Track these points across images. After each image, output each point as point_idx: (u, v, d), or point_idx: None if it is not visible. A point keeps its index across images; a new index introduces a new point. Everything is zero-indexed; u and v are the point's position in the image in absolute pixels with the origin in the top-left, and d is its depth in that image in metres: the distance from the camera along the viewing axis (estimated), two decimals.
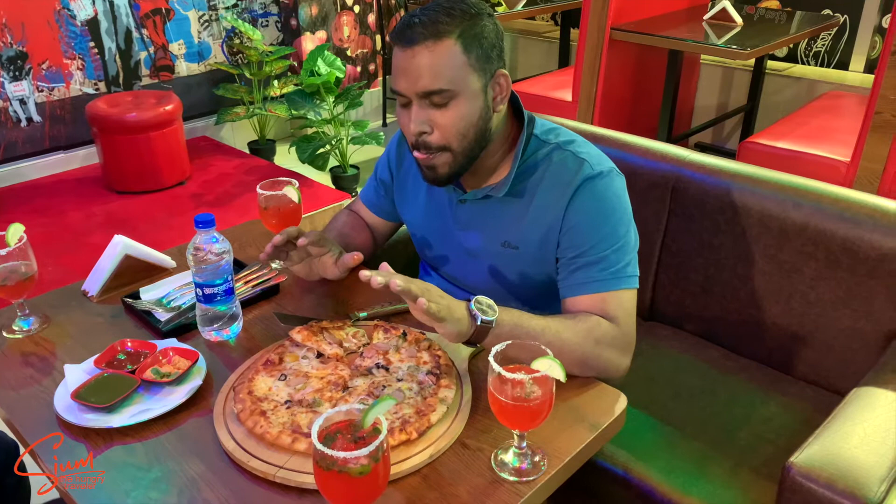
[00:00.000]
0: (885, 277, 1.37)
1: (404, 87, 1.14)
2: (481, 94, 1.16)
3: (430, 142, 1.17)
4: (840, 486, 1.01)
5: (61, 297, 1.37)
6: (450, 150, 1.17)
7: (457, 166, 1.19)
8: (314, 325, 1.20)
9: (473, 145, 1.18)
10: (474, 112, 1.16)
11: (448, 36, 1.11)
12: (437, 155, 1.18)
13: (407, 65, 1.12)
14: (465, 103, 1.14)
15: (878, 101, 2.36)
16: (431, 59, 1.10)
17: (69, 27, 3.41)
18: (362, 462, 0.78)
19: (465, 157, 1.19)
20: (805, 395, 1.48)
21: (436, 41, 1.10)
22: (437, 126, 1.15)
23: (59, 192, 3.31)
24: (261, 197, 1.42)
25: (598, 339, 1.13)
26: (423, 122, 1.15)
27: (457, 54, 1.11)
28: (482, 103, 1.16)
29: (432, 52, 1.10)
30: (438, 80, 1.11)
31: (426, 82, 1.11)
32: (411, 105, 1.16)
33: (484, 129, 1.18)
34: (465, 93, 1.13)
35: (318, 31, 4.17)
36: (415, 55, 1.11)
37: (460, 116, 1.14)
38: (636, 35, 3.04)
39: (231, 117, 3.73)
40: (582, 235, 1.19)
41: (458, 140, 1.16)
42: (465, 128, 1.16)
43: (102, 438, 1.01)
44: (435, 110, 1.14)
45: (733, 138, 3.94)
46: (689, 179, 1.59)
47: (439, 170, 1.20)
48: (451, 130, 1.15)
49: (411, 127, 1.16)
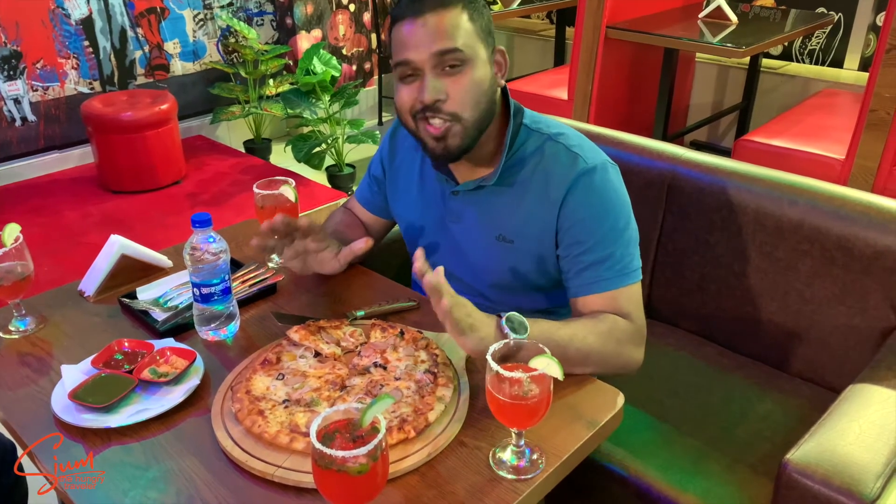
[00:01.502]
0: (880, 274, 1.38)
1: (415, 54, 1.14)
2: (489, 65, 1.18)
3: (443, 108, 1.16)
4: (836, 483, 1.02)
5: (58, 298, 1.36)
6: (461, 121, 1.17)
7: (468, 138, 1.19)
8: (311, 325, 1.20)
9: (484, 115, 1.19)
10: (485, 80, 1.17)
11: (455, 4, 1.14)
12: (450, 125, 1.17)
13: (418, 31, 1.13)
14: (477, 70, 1.16)
15: (873, 99, 2.37)
16: (444, 22, 1.13)
17: (63, 26, 3.40)
18: (361, 461, 0.79)
19: (476, 128, 1.19)
20: (801, 392, 1.49)
21: (445, 8, 1.13)
22: (451, 93, 1.15)
23: (55, 192, 3.30)
24: (257, 196, 1.42)
25: (619, 338, 1.15)
26: (439, 90, 1.14)
27: (466, 20, 1.14)
28: (490, 73, 1.19)
29: (443, 17, 1.13)
30: (453, 40, 1.13)
31: (442, 43, 1.12)
32: (418, 78, 1.15)
33: (492, 100, 1.20)
34: (476, 59, 1.15)
35: (314, 30, 4.16)
36: (426, 22, 1.12)
37: (473, 83, 1.15)
38: (631, 33, 3.04)
39: (227, 116, 3.72)
40: (584, 233, 1.19)
41: (472, 108, 1.16)
42: (478, 95, 1.16)
43: (100, 438, 1.01)
44: (448, 77, 1.15)
45: (728, 136, 3.95)
46: (685, 177, 1.60)
47: (450, 140, 1.18)
48: (465, 97, 1.15)
49: (425, 95, 1.14)
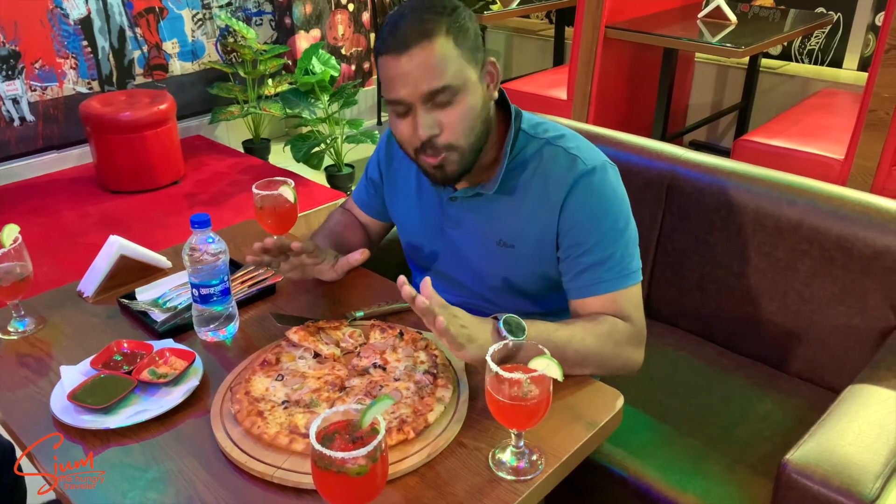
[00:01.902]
0: (879, 274, 1.38)
1: (405, 93, 1.11)
2: (480, 85, 1.15)
3: (439, 142, 1.14)
4: (835, 483, 1.02)
5: (57, 298, 1.36)
6: (458, 148, 1.15)
7: (466, 163, 1.18)
8: (311, 326, 1.20)
9: (480, 137, 1.17)
10: (477, 103, 1.15)
11: (438, 33, 1.09)
12: (446, 154, 1.15)
13: (404, 70, 1.09)
14: (468, 97, 1.13)
15: (872, 99, 2.37)
16: (429, 59, 1.08)
17: (62, 26, 3.40)
18: (360, 462, 0.79)
19: (473, 151, 1.18)
20: (800, 392, 1.49)
21: (429, 40, 1.08)
22: (445, 126, 1.13)
23: (53, 192, 3.30)
24: (256, 196, 1.42)
25: (618, 340, 1.15)
26: (432, 126, 1.12)
27: (451, 49, 1.10)
28: (482, 93, 1.16)
29: (428, 52, 1.08)
30: (441, 78, 1.09)
31: (429, 82, 1.09)
32: (410, 112, 1.13)
33: (487, 118, 1.18)
34: (466, 86, 1.12)
35: (313, 30, 4.16)
36: (411, 58, 1.08)
37: (467, 111, 1.13)
38: (631, 33, 3.04)
39: (225, 116, 3.72)
40: (583, 234, 1.19)
41: (467, 135, 1.15)
42: (472, 121, 1.14)
43: (99, 439, 1.01)
44: (440, 110, 1.12)
45: (728, 136, 3.95)
46: (684, 177, 1.60)
47: (448, 169, 1.17)
48: (459, 127, 1.13)
49: (420, 133, 1.13)
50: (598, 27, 3.02)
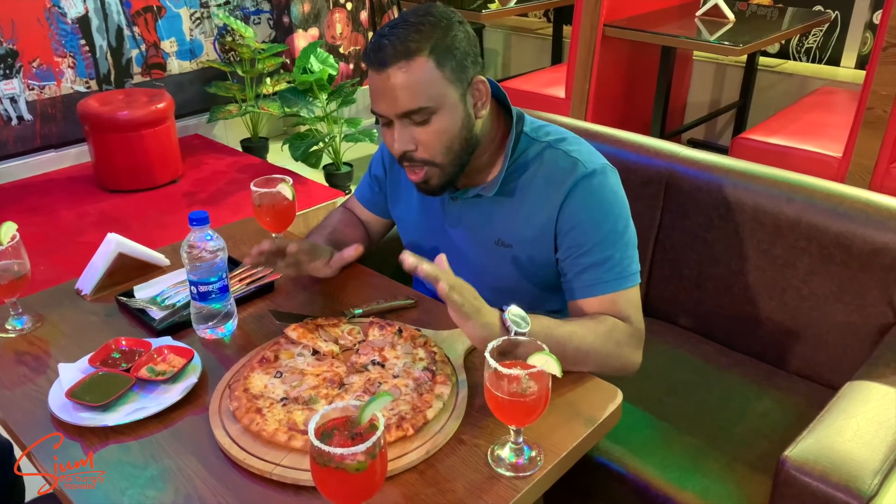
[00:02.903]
0: (878, 272, 1.38)
1: (383, 108, 1.15)
2: (460, 105, 1.15)
3: (415, 157, 1.17)
4: (834, 480, 1.02)
5: (55, 296, 1.36)
6: (437, 165, 1.18)
7: (447, 176, 1.20)
8: (309, 323, 1.20)
9: (460, 154, 1.19)
10: (456, 124, 1.15)
11: (419, 53, 1.10)
12: (424, 169, 1.19)
13: (383, 87, 1.12)
14: (445, 117, 1.14)
15: (870, 97, 2.38)
16: (406, 79, 1.10)
17: (60, 25, 3.39)
18: (359, 458, 0.78)
19: (454, 166, 1.19)
20: (799, 389, 1.49)
21: (408, 60, 1.10)
22: (421, 143, 1.16)
23: (51, 191, 3.29)
24: (254, 194, 1.42)
25: (619, 340, 1.15)
26: (407, 141, 1.16)
27: (431, 70, 1.11)
28: (462, 113, 1.16)
29: (406, 73, 1.10)
30: (416, 100, 1.11)
31: (404, 103, 1.11)
32: (393, 124, 1.16)
33: (468, 137, 1.18)
34: (444, 107, 1.13)
35: (311, 29, 4.15)
36: (389, 77, 1.10)
37: (442, 131, 1.15)
38: (629, 31, 3.04)
39: (223, 115, 3.71)
40: (583, 235, 1.19)
41: (443, 154, 1.17)
42: (449, 140, 1.16)
43: (98, 437, 1.01)
44: (417, 128, 1.14)
45: (726, 134, 3.95)
46: (683, 175, 1.60)
47: (430, 182, 1.21)
48: (434, 146, 1.16)
49: (395, 146, 1.17)
50: (596, 25, 3.02)
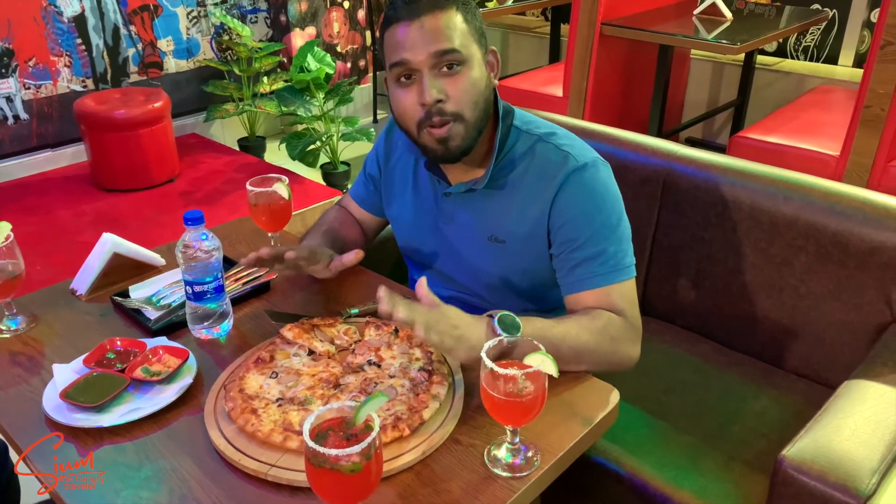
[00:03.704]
0: (875, 270, 1.38)
1: (412, 55, 1.13)
2: (483, 65, 1.19)
3: (445, 109, 1.15)
4: (832, 479, 1.02)
5: (49, 296, 1.35)
6: (463, 121, 1.17)
7: (469, 138, 1.19)
8: (305, 323, 1.19)
9: (482, 115, 1.19)
10: (481, 80, 1.18)
11: (450, 6, 1.14)
12: (452, 125, 1.16)
13: (415, 34, 1.13)
14: (473, 70, 1.16)
15: (867, 96, 2.37)
16: (441, 23, 1.13)
17: (56, 24, 3.38)
18: (354, 459, 0.78)
19: (476, 128, 1.19)
20: (796, 388, 1.49)
21: (440, 10, 1.14)
22: (451, 93, 1.15)
23: (48, 191, 3.28)
24: (250, 194, 1.41)
25: (613, 335, 1.14)
26: (440, 90, 1.14)
27: (461, 22, 1.15)
28: (486, 73, 1.19)
29: (439, 19, 1.13)
30: (450, 41, 1.13)
31: (440, 44, 1.13)
32: (414, 80, 1.15)
33: (489, 100, 1.21)
34: (472, 60, 1.16)
35: (308, 27, 4.15)
36: (423, 24, 1.13)
37: (472, 83, 1.16)
38: (626, 30, 3.03)
39: (221, 114, 3.70)
40: (576, 230, 1.19)
41: (471, 108, 1.17)
42: (477, 95, 1.17)
43: (92, 438, 1.00)
44: (446, 78, 1.15)
45: (723, 133, 3.95)
46: (680, 174, 1.59)
47: (452, 142, 1.18)
48: (464, 97, 1.16)
49: (426, 96, 1.14)
50: (593, 24, 3.01)
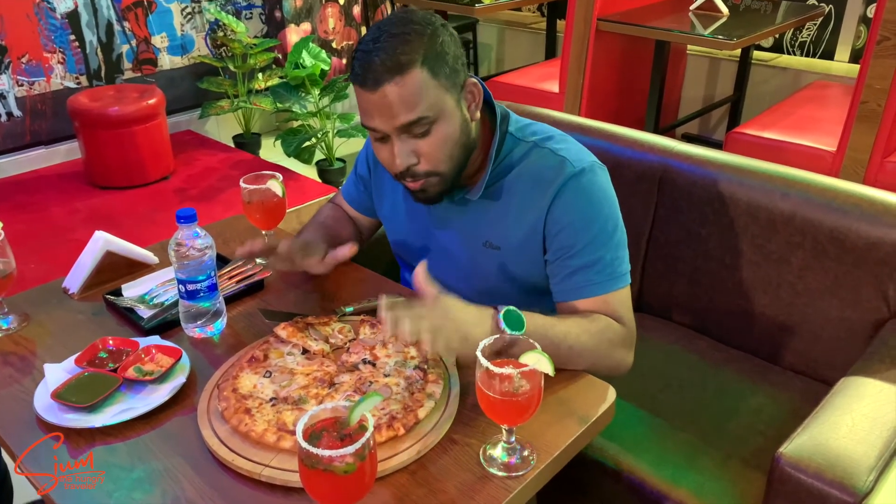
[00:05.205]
0: (872, 266, 1.37)
1: (379, 124, 1.09)
2: (457, 111, 1.12)
3: (418, 171, 1.13)
4: (829, 477, 1.01)
5: (41, 295, 1.34)
6: (439, 174, 1.14)
7: (447, 184, 1.17)
8: (299, 321, 1.18)
9: (461, 161, 1.16)
10: (455, 130, 1.12)
11: (412, 66, 1.05)
12: (427, 180, 1.15)
13: (377, 104, 1.07)
14: (445, 125, 1.10)
15: (864, 91, 2.37)
16: (402, 93, 1.05)
17: (49, 20, 3.36)
18: (347, 460, 0.77)
19: (455, 174, 1.16)
20: (793, 385, 1.49)
21: (402, 75, 1.04)
22: (423, 155, 1.11)
23: (41, 188, 3.27)
24: (244, 191, 1.40)
25: (612, 340, 1.14)
26: (409, 155, 1.11)
27: (426, 80, 1.06)
28: (460, 119, 1.13)
29: (401, 87, 1.05)
30: (415, 111, 1.06)
31: (403, 116, 1.07)
32: (388, 139, 1.11)
33: (467, 142, 1.16)
34: (443, 115, 1.09)
35: (303, 23, 4.13)
36: (385, 94, 1.05)
37: (444, 140, 1.11)
38: (623, 26, 3.03)
39: (215, 111, 3.69)
40: (573, 237, 1.17)
41: (446, 162, 1.13)
42: (451, 148, 1.12)
43: (84, 439, 1.00)
44: (418, 140, 1.10)
45: (720, 129, 3.95)
46: (677, 170, 1.59)
47: (429, 191, 1.17)
48: (437, 156, 1.12)
49: (397, 162, 1.11)
50: (589, 20, 3.00)
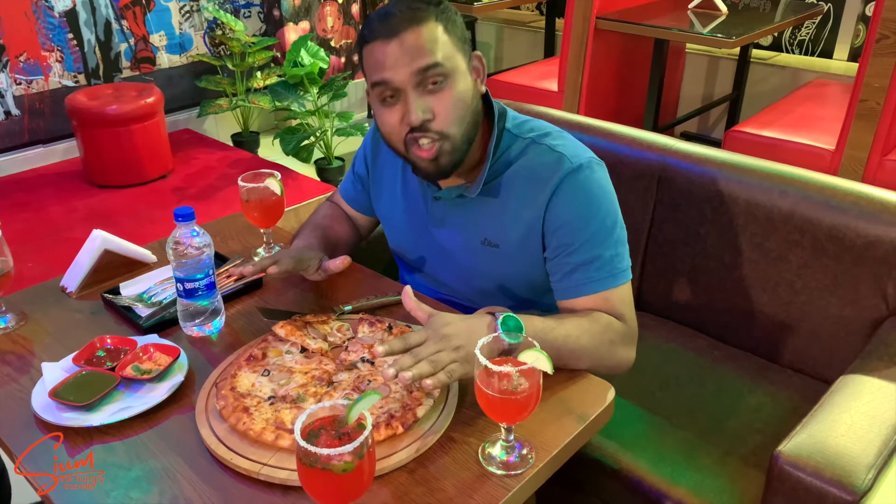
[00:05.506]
0: (871, 265, 1.37)
1: (394, 74, 1.09)
2: (468, 74, 1.16)
3: (432, 127, 1.12)
4: (827, 475, 1.01)
5: (39, 294, 1.34)
6: (450, 139, 1.13)
7: (458, 153, 1.16)
8: (298, 320, 1.18)
9: (471, 128, 1.16)
10: (468, 92, 1.14)
11: (428, 19, 1.11)
12: (440, 144, 1.13)
13: (394, 53, 1.09)
14: (458, 83, 1.12)
15: (863, 90, 2.37)
16: (421, 39, 1.09)
17: (47, 18, 3.35)
18: (346, 459, 0.77)
19: (465, 143, 1.16)
20: (792, 383, 1.48)
21: (419, 24, 1.10)
22: (438, 112, 1.12)
23: (40, 187, 3.27)
24: (242, 190, 1.40)
25: (612, 339, 1.13)
26: (425, 109, 1.11)
27: (442, 33, 1.11)
28: (471, 82, 1.16)
29: (419, 35, 1.09)
30: (433, 55, 1.10)
31: (422, 60, 1.09)
32: (398, 99, 1.12)
33: (477, 110, 1.17)
34: (456, 72, 1.12)
35: (302, 22, 4.12)
36: (402, 41, 1.09)
37: (459, 97, 1.12)
38: (621, 24, 3.02)
39: (214, 109, 3.68)
40: (571, 234, 1.16)
41: (459, 124, 1.13)
42: (463, 109, 1.13)
43: (82, 437, 0.99)
44: (432, 96, 1.11)
45: (719, 127, 3.95)
46: (676, 169, 1.59)
47: (441, 160, 1.15)
48: (451, 114, 1.12)
49: (412, 117, 1.11)
50: (588, 18, 3.00)
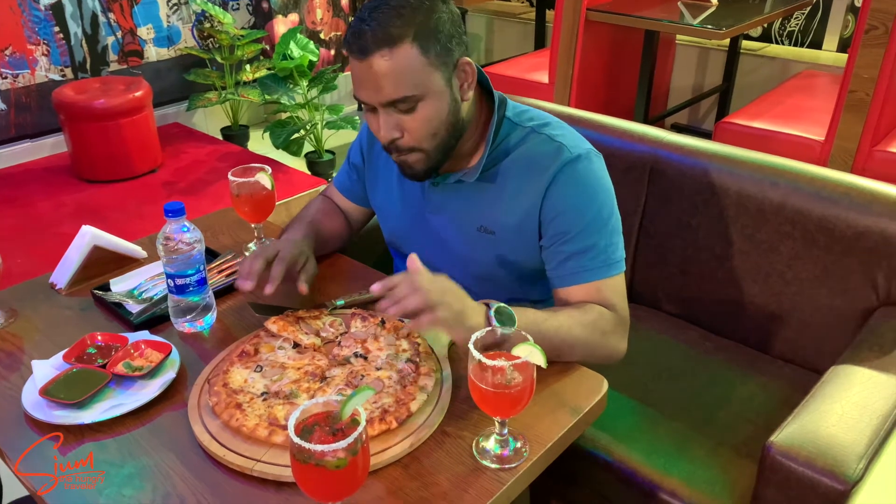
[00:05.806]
0: (861, 255, 1.38)
1: (366, 96, 1.11)
2: (447, 90, 1.12)
3: (402, 145, 1.14)
4: (819, 465, 1.02)
5: (28, 290, 1.33)
6: (422, 150, 1.15)
7: (432, 162, 1.18)
8: (290, 315, 1.18)
9: (447, 140, 1.16)
10: (443, 109, 1.13)
11: (403, 40, 1.05)
12: (410, 155, 1.16)
13: (365, 75, 1.08)
14: (431, 104, 1.11)
15: (852, 80, 2.38)
16: (389, 67, 1.06)
17: (33, 12, 3.31)
18: (339, 455, 0.77)
19: (440, 152, 1.17)
20: (783, 374, 1.49)
21: (391, 48, 1.05)
22: (407, 130, 1.13)
23: (27, 182, 3.23)
24: (233, 184, 1.39)
25: (605, 329, 1.14)
26: (393, 129, 1.12)
27: (415, 57, 1.06)
28: (449, 98, 1.13)
29: (389, 60, 1.05)
30: (401, 88, 1.07)
31: (388, 92, 1.08)
32: (377, 110, 1.13)
33: (455, 121, 1.16)
34: (430, 94, 1.10)
35: (291, 14, 4.09)
36: (372, 65, 1.06)
37: (429, 118, 1.12)
38: (612, 16, 3.02)
39: (203, 103, 3.65)
40: (567, 223, 1.17)
41: (430, 140, 1.14)
42: (436, 127, 1.13)
43: (73, 435, 0.99)
44: (403, 115, 1.11)
45: (709, 119, 3.96)
46: (667, 160, 1.59)
47: (415, 167, 1.18)
48: (421, 133, 1.13)
49: (381, 133, 1.13)
50: (578, 10, 2.99)
